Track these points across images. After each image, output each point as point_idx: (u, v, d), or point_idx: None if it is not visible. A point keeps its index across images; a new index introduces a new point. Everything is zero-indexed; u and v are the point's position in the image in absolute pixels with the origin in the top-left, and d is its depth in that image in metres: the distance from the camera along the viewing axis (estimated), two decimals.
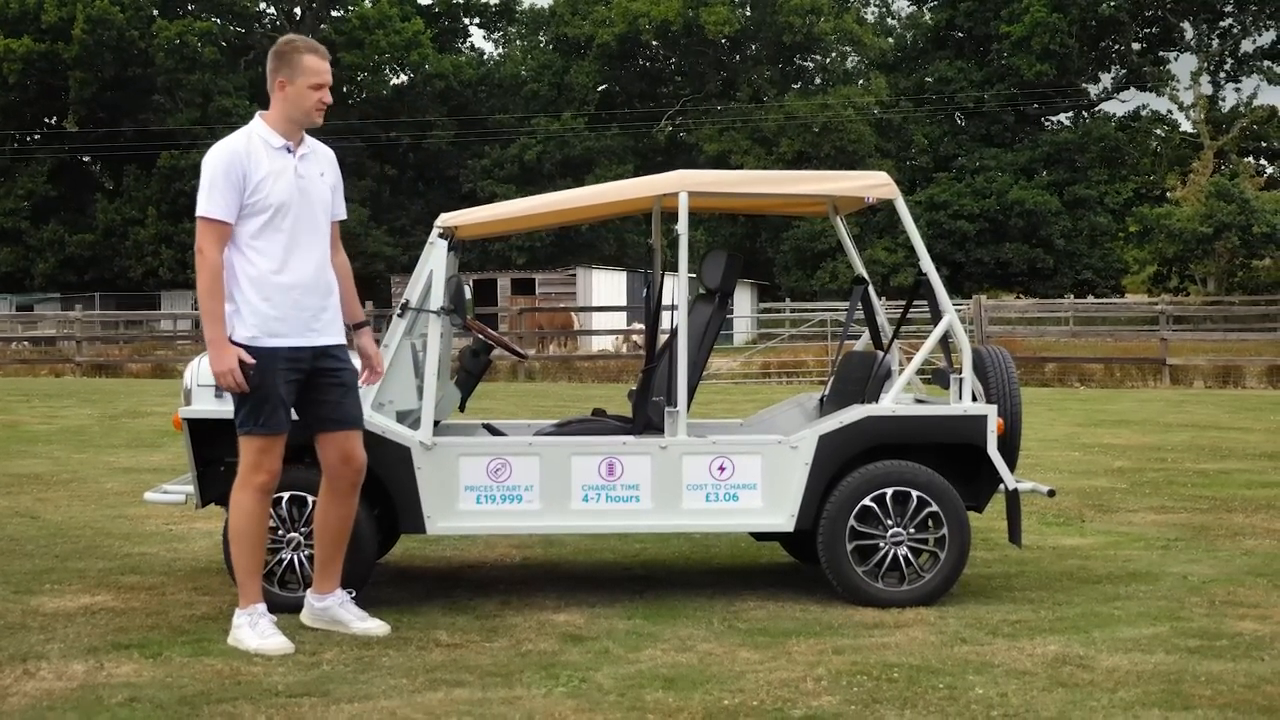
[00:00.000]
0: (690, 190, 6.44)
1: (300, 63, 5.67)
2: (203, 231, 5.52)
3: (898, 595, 6.31)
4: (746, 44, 63.50)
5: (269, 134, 5.65)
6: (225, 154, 5.57)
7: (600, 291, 45.20)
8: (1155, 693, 4.90)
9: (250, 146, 5.60)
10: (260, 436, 5.56)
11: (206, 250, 5.50)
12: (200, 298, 5.53)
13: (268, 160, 5.59)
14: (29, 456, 12.71)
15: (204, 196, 5.53)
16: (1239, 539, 8.28)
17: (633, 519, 6.35)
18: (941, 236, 56.85)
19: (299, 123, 5.70)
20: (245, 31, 61.43)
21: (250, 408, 5.55)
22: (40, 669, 5.23)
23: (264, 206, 5.54)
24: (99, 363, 31.17)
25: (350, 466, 5.75)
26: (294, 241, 5.59)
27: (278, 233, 5.57)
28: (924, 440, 6.45)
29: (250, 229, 5.55)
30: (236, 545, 5.66)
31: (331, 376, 5.70)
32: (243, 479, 5.62)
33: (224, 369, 5.44)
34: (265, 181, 5.54)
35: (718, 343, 7.22)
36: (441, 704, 4.77)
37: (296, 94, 5.66)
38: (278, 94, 5.68)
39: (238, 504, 5.63)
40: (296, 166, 5.65)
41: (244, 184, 5.52)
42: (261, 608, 5.64)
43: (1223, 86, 62.95)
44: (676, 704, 4.77)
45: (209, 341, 5.47)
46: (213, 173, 5.54)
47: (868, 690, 4.93)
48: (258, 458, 5.58)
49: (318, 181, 5.73)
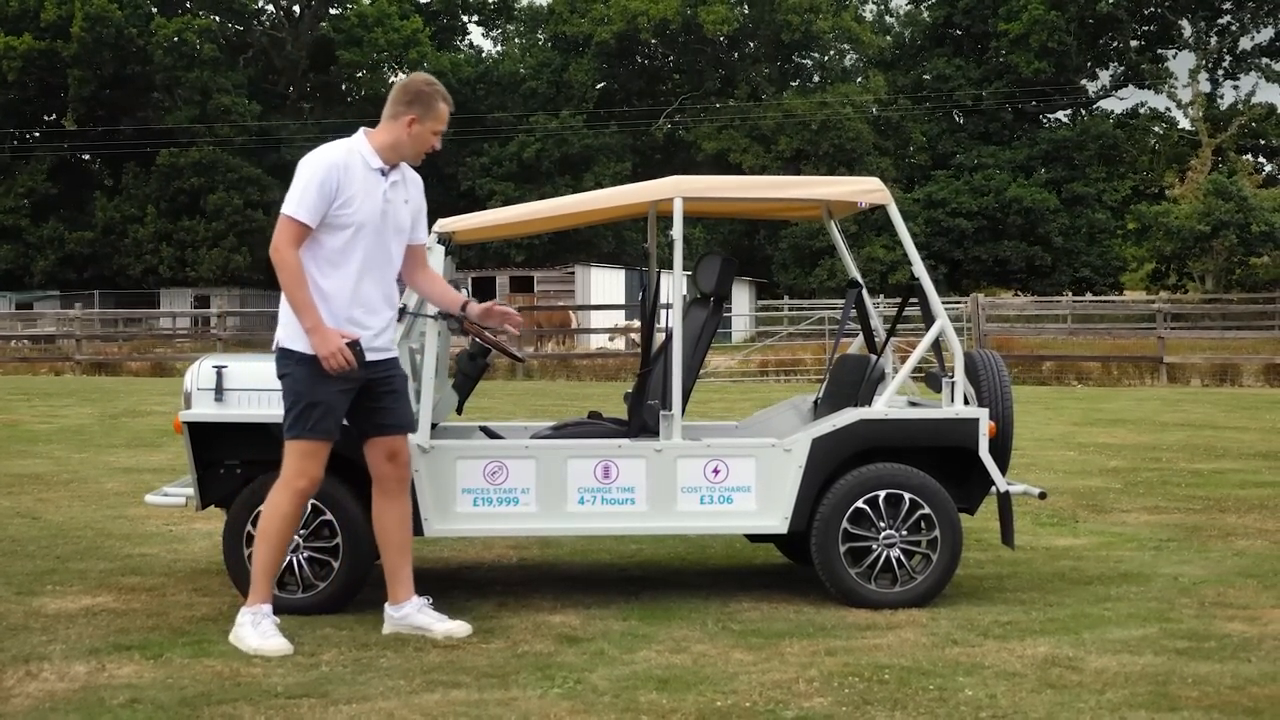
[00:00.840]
0: (685, 195, 6.51)
1: (436, 110, 5.81)
2: (283, 229, 5.64)
3: (890, 597, 6.38)
4: (745, 42, 63.61)
5: (370, 154, 5.77)
6: (324, 162, 5.68)
7: (599, 289, 45.28)
8: (1143, 694, 4.97)
9: (350, 160, 5.72)
10: (307, 441, 5.67)
11: (283, 249, 5.63)
12: (287, 292, 5.65)
13: (361, 178, 5.71)
14: (29, 456, 12.76)
15: (294, 197, 5.65)
16: (1231, 540, 8.34)
17: (628, 521, 6.41)
18: (940, 234, 56.96)
19: (405, 157, 5.85)
20: (244, 29, 61.50)
21: (300, 412, 5.66)
22: (42, 670, 5.30)
23: (346, 222, 5.67)
24: (98, 361, 31.22)
25: (397, 463, 5.89)
26: (367, 261, 5.72)
27: (353, 250, 5.69)
28: (916, 443, 6.52)
29: (328, 240, 5.68)
30: (262, 543, 5.76)
31: (385, 384, 5.85)
32: (284, 481, 5.73)
33: (331, 350, 5.56)
34: (354, 198, 5.67)
35: (716, 341, 7.28)
36: (438, 705, 4.84)
37: (420, 134, 5.81)
38: (402, 127, 5.78)
39: (273, 503, 5.74)
40: (386, 191, 5.77)
41: (334, 195, 5.64)
42: (267, 609, 5.72)
43: (1221, 84, 63.14)
44: (670, 705, 4.84)
45: (309, 330, 5.60)
46: (308, 176, 5.66)
47: (859, 691, 5.00)
48: (302, 463, 5.69)
49: (401, 208, 5.86)
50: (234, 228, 53.74)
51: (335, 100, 61.57)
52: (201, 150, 54.38)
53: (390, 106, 5.83)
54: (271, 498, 5.76)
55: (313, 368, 5.64)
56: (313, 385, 5.64)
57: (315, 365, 5.63)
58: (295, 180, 5.69)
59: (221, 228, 53.89)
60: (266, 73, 61.92)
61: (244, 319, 40.87)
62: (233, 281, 54.52)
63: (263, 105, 57.86)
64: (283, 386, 5.77)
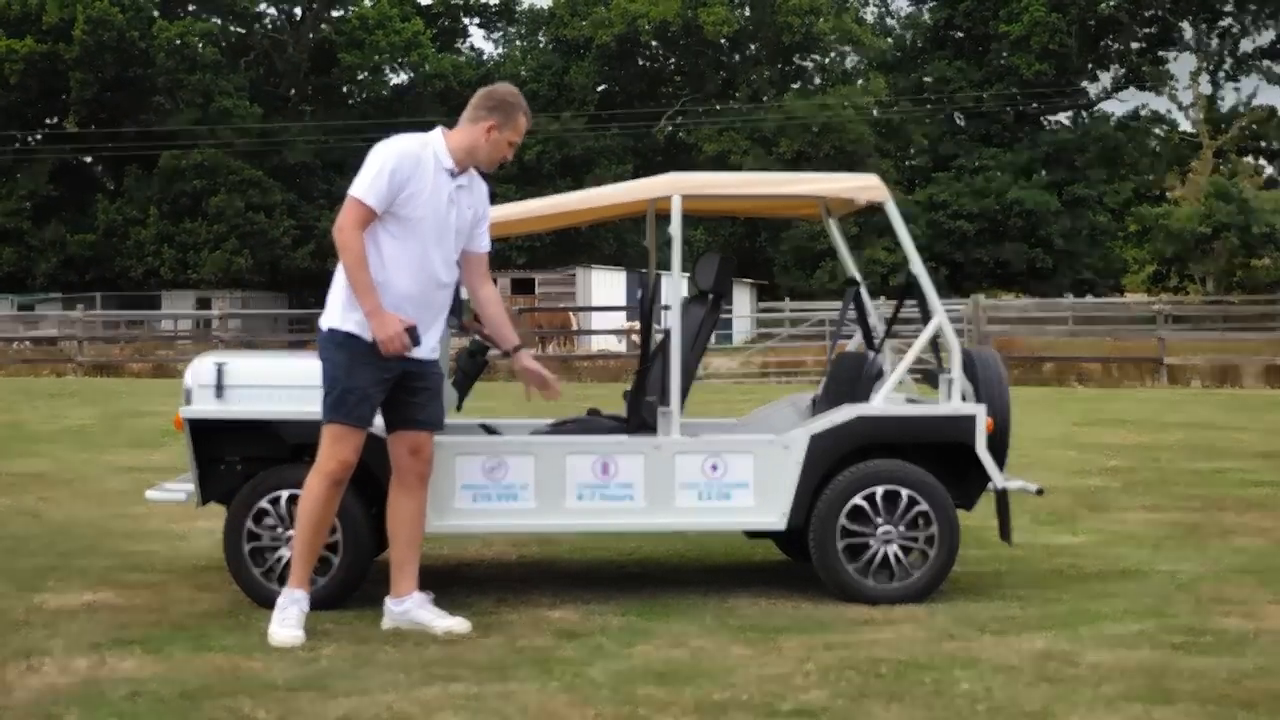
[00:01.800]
0: (684, 193, 6.54)
1: (516, 121, 5.87)
2: (349, 210, 5.67)
3: (888, 592, 6.40)
4: (745, 44, 63.61)
5: (444, 153, 5.81)
6: (398, 151, 5.73)
7: (600, 291, 45.30)
8: (1138, 687, 4.99)
9: (423, 155, 5.76)
10: (341, 426, 5.71)
11: (347, 229, 5.67)
12: (349, 273, 5.67)
13: (432, 175, 5.75)
14: (31, 456, 12.79)
15: (364, 180, 5.68)
16: (1229, 537, 8.36)
17: (627, 517, 6.43)
18: (941, 236, 56.97)
19: (479, 163, 5.89)
20: (245, 32, 61.52)
21: (338, 397, 5.71)
22: (44, 665, 5.32)
23: (409, 216, 5.70)
24: (100, 362, 31.26)
25: (419, 458, 5.92)
26: (424, 257, 5.75)
27: (413, 244, 5.72)
28: (914, 439, 6.54)
29: (389, 230, 5.71)
30: (300, 529, 5.83)
31: (421, 380, 5.88)
32: (318, 465, 5.78)
33: (390, 334, 5.61)
34: (421, 193, 5.71)
35: (717, 342, 7.31)
36: (437, 698, 4.86)
37: (497, 142, 5.85)
38: (480, 133, 5.83)
39: (307, 487, 5.80)
40: (452, 192, 5.81)
41: (403, 186, 5.68)
42: (299, 594, 5.78)
43: (1222, 86, 63.13)
44: (668, 698, 4.86)
45: (368, 313, 5.63)
46: (381, 163, 5.69)
47: (855, 685, 5.02)
48: (334, 447, 5.73)
49: (465, 212, 5.90)
50: (235, 230, 53.75)
51: (337, 103, 61.61)
52: (203, 153, 54.39)
53: (471, 110, 5.87)
54: (306, 483, 5.82)
55: (353, 353, 5.68)
56: (351, 371, 5.69)
57: (355, 351, 5.68)
58: (367, 164, 5.72)
59: (223, 230, 53.91)
60: (268, 75, 61.96)
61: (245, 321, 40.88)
62: (234, 284, 54.51)
63: (264, 108, 57.87)
64: (322, 370, 5.81)
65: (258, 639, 5.71)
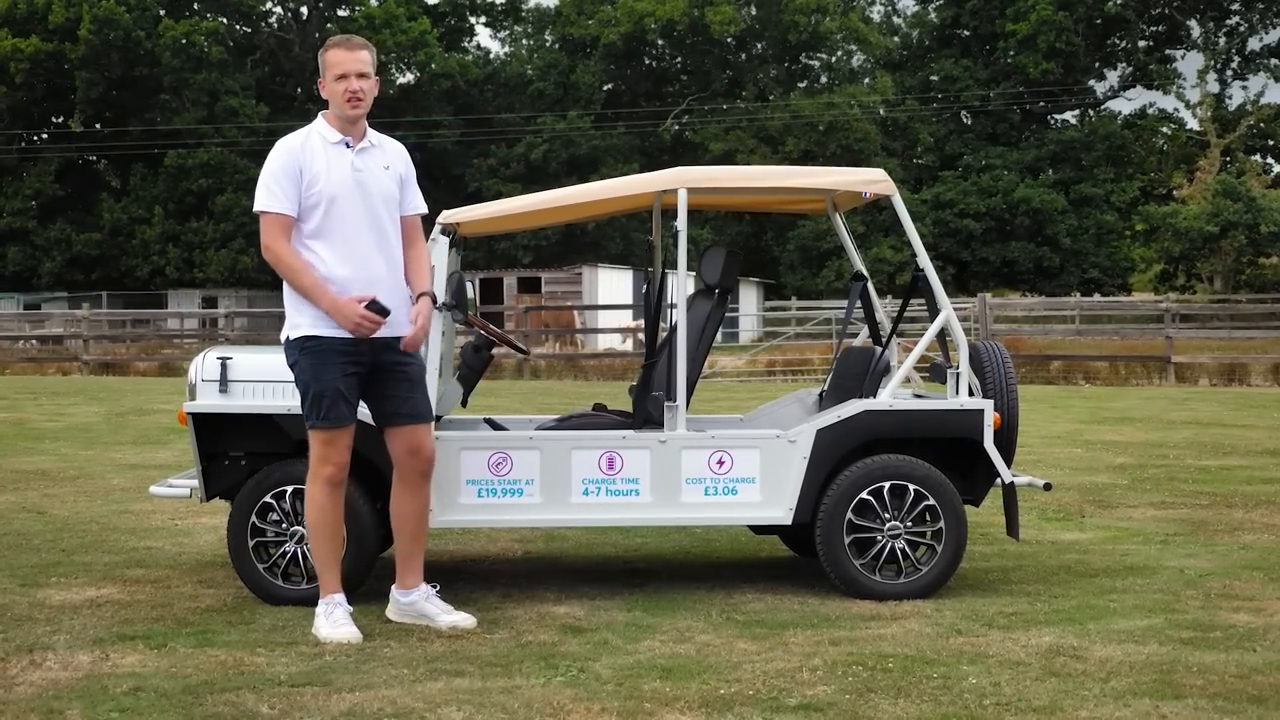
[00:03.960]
0: (689, 186, 6.51)
1: (325, 59, 5.81)
2: (266, 226, 5.66)
3: (895, 588, 6.37)
4: (752, 43, 63.57)
5: (327, 130, 5.79)
6: (282, 151, 5.72)
7: (606, 290, 45.26)
8: (1147, 682, 4.96)
9: (308, 143, 5.74)
10: (323, 429, 5.68)
11: (273, 245, 5.65)
12: (291, 284, 5.66)
13: (324, 155, 5.71)
14: (36, 453, 12.79)
15: (263, 192, 5.66)
16: (1237, 534, 8.33)
17: (632, 512, 6.41)
18: (947, 235, 56.92)
19: (344, 117, 5.79)
20: (251, 31, 61.54)
21: (310, 401, 5.68)
22: (47, 659, 5.30)
23: (318, 200, 5.66)
24: (106, 361, 31.28)
25: (419, 458, 5.85)
26: (352, 234, 5.69)
27: (334, 226, 5.68)
28: (921, 434, 6.51)
29: (307, 223, 5.69)
30: (312, 538, 5.80)
31: (397, 371, 5.80)
32: (312, 472, 5.76)
33: (355, 319, 5.57)
34: (319, 175, 5.67)
35: (723, 341, 7.29)
36: (441, 693, 4.84)
37: (330, 89, 5.79)
38: (326, 94, 5.81)
39: (309, 497, 5.78)
40: (354, 161, 5.75)
41: (300, 178, 5.65)
42: (338, 597, 5.74)
43: (1229, 84, 63.10)
44: (673, 693, 4.83)
45: (328, 310, 5.59)
46: (271, 169, 5.68)
47: (862, 680, 4.99)
48: (323, 450, 5.71)
49: (380, 174, 5.82)
50: (241, 229, 53.75)
51: None
52: (209, 152, 54.42)
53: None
54: (307, 492, 5.80)
55: (314, 355, 5.64)
56: (317, 373, 5.65)
57: (315, 352, 5.64)
58: (261, 178, 5.71)
59: (229, 229, 53.93)
60: (274, 74, 61.98)
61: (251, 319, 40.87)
62: (240, 282, 54.57)
63: (270, 107, 57.86)
64: (295, 381, 5.78)
65: (261, 634, 5.70)
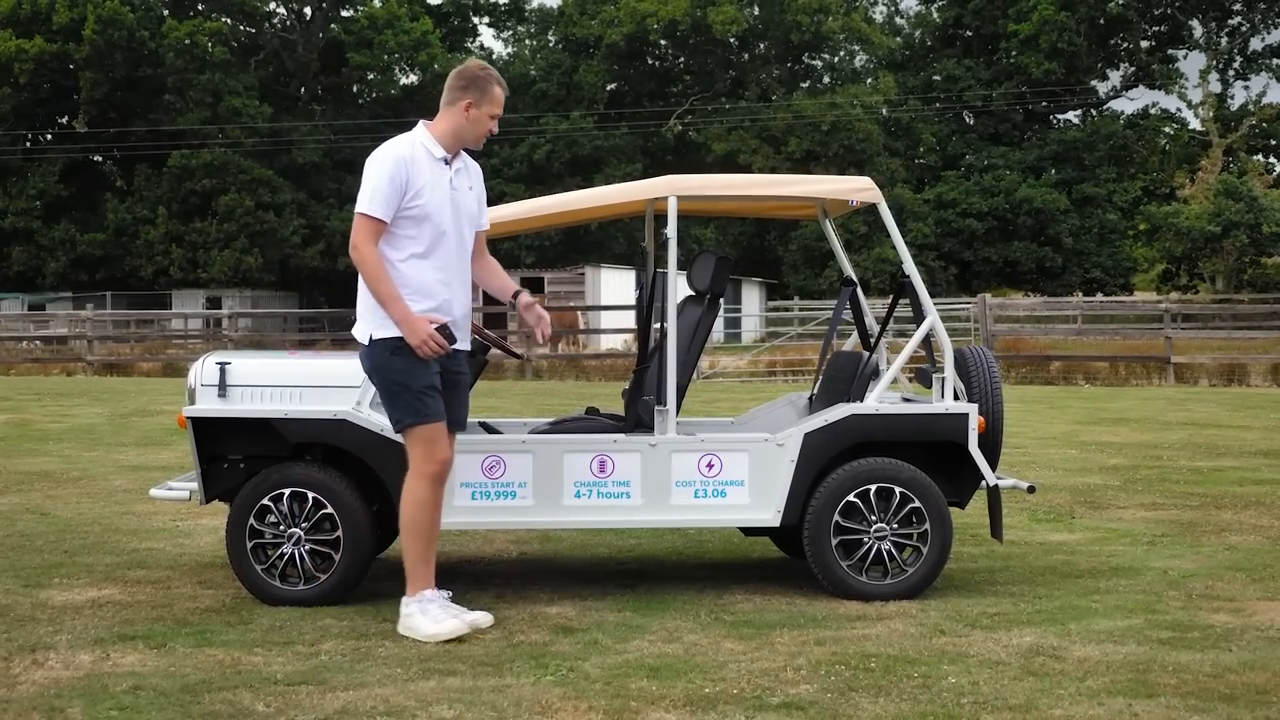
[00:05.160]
0: (679, 194, 6.64)
1: (491, 93, 5.92)
2: (360, 227, 5.78)
3: (881, 589, 6.49)
4: (755, 43, 63.65)
5: (433, 144, 5.91)
6: (393, 157, 5.82)
7: (609, 290, 45.36)
8: (1122, 681, 5.07)
9: (415, 153, 5.86)
10: (426, 425, 5.80)
11: (362, 246, 5.77)
12: (372, 288, 5.77)
13: (428, 169, 5.85)
14: (40, 455, 12.90)
15: (366, 195, 5.78)
16: (1224, 535, 8.43)
17: (623, 514, 6.53)
18: (950, 235, 57.02)
19: (466, 143, 5.96)
20: (255, 31, 61.66)
21: (408, 401, 5.78)
22: (48, 659, 5.42)
23: (419, 214, 5.80)
24: (110, 362, 31.40)
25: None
26: (443, 250, 5.85)
27: (428, 240, 5.82)
28: (907, 438, 6.63)
29: (404, 232, 5.81)
30: (410, 535, 5.88)
31: (454, 376, 5.99)
32: (415, 469, 5.85)
33: (423, 338, 5.71)
34: (423, 190, 5.81)
35: (725, 341, 7.39)
36: (433, 692, 4.95)
37: (478, 119, 5.92)
38: (460, 113, 5.91)
39: (411, 493, 5.86)
40: (452, 179, 5.91)
41: (405, 188, 5.77)
42: (431, 593, 5.84)
43: (1231, 84, 63.16)
44: (660, 691, 4.95)
45: (398, 322, 5.73)
46: (378, 173, 5.79)
47: (845, 679, 5.11)
48: (426, 448, 5.82)
49: (467, 195, 6.00)
50: (245, 229, 53.93)
51: (346, 102, 61.76)
52: (213, 152, 54.56)
53: (447, 94, 5.95)
54: (408, 488, 5.88)
55: (410, 356, 5.77)
56: (413, 372, 5.77)
57: (411, 353, 5.77)
58: (365, 178, 5.82)
59: (233, 229, 54.08)
60: (278, 75, 62.11)
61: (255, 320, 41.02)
62: (244, 283, 54.72)
63: (274, 107, 58.00)
64: (377, 379, 5.89)
65: (259, 634, 5.82)
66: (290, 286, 58.06)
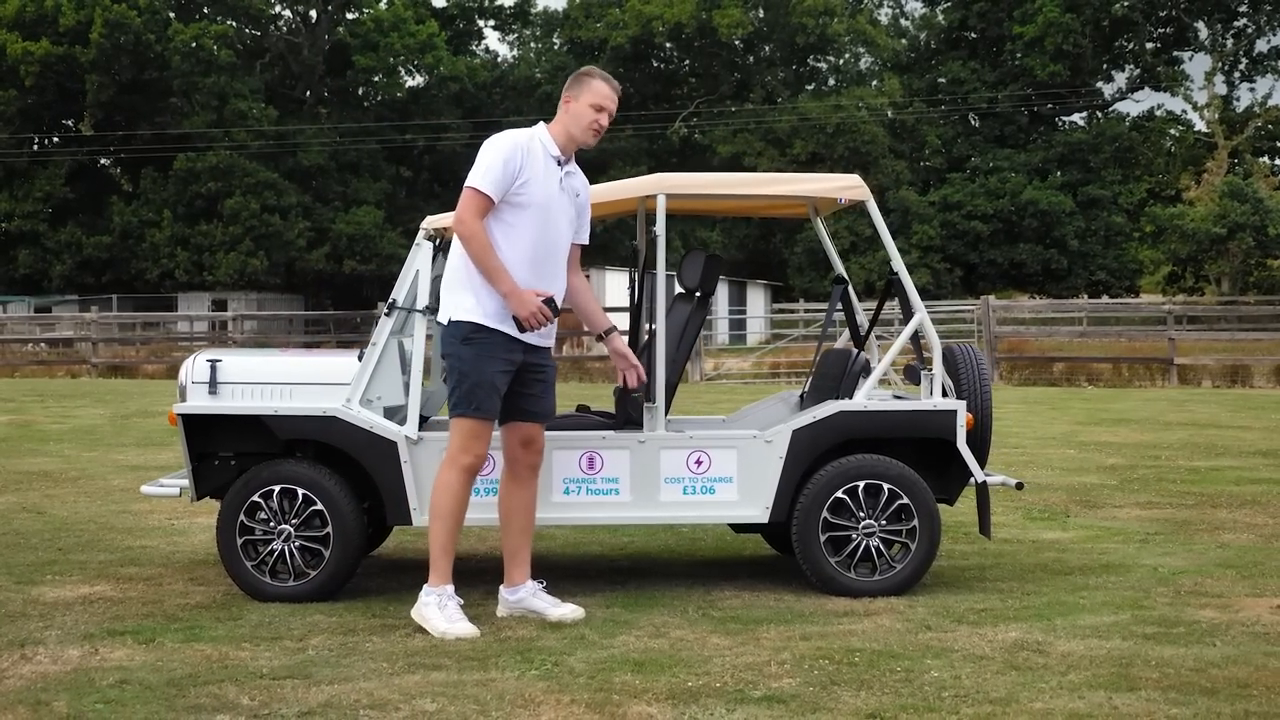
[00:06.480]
0: (668, 192, 6.66)
1: (589, 84, 6.00)
2: (467, 201, 5.81)
3: (870, 585, 6.50)
4: (760, 45, 63.69)
5: (549, 142, 5.98)
6: (511, 142, 5.89)
7: (613, 292, 45.37)
8: (1104, 675, 5.08)
9: (532, 145, 5.93)
10: (473, 419, 5.85)
11: (468, 220, 5.80)
12: (478, 261, 5.79)
13: (541, 162, 5.91)
14: (39, 455, 12.95)
15: (480, 171, 5.83)
16: (1217, 533, 8.44)
17: (612, 511, 6.55)
18: (955, 237, 57.00)
19: (576, 140, 6.00)
20: (260, 34, 61.76)
21: (466, 390, 5.83)
22: (37, 654, 5.46)
23: (525, 203, 5.85)
24: (115, 364, 31.46)
25: (531, 450, 6.07)
26: (539, 244, 5.90)
27: (528, 230, 5.87)
28: (895, 434, 6.65)
29: (506, 217, 5.86)
30: (436, 522, 5.92)
31: (538, 372, 6.04)
32: (450, 458, 5.90)
33: (530, 310, 5.75)
34: (533, 180, 5.86)
35: (730, 342, 7.42)
36: (418, 685, 4.98)
37: (578, 110, 5.98)
38: (563, 109, 6.00)
39: (443, 482, 5.90)
40: (562, 179, 5.98)
41: (517, 174, 5.83)
42: (450, 589, 5.88)
43: (1237, 86, 63.09)
44: (643, 685, 4.97)
45: (506, 294, 5.76)
46: (495, 153, 5.85)
47: (828, 673, 5.12)
48: (467, 440, 5.87)
49: (573, 199, 6.06)
50: (251, 232, 53.97)
51: (352, 105, 61.81)
52: (219, 155, 54.59)
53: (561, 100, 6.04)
54: (440, 475, 5.93)
55: (480, 347, 5.82)
56: (479, 364, 5.82)
57: (481, 343, 5.81)
58: (481, 156, 5.88)
59: (238, 232, 54.13)
60: (283, 77, 62.19)
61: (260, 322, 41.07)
62: (250, 285, 54.77)
63: (279, 110, 58.06)
64: (448, 363, 5.94)
65: (248, 629, 5.85)
66: (296, 289, 58.12)
